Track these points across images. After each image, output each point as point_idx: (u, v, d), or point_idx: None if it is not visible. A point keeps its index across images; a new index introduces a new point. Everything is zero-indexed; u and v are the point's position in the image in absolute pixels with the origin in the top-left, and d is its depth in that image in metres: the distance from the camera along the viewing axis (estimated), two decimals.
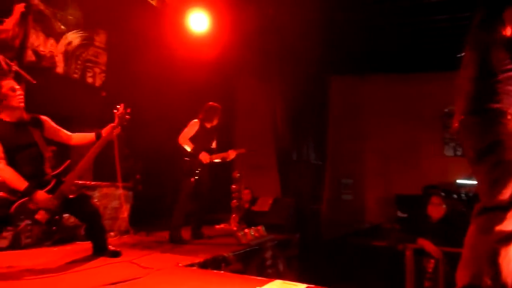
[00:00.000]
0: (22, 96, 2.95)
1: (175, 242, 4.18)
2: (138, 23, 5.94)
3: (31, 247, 3.59)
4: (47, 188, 2.89)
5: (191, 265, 3.31)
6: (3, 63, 4.35)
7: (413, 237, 4.06)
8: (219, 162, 4.70)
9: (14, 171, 2.79)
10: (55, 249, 3.67)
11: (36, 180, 2.86)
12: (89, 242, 3.36)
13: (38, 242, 3.67)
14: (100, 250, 3.31)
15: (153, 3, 6.09)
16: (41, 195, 2.81)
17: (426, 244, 3.91)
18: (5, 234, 3.39)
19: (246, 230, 4.63)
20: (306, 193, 7.06)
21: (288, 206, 6.07)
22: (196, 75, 6.39)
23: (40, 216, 2.80)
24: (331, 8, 5.64)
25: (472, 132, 1.90)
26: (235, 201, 5.45)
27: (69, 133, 3.27)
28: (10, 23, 5.31)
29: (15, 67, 4.41)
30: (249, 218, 5.49)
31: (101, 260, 3.17)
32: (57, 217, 2.92)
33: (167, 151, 4.95)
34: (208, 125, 4.60)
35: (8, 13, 5.30)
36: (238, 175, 5.46)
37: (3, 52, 4.49)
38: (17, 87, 2.97)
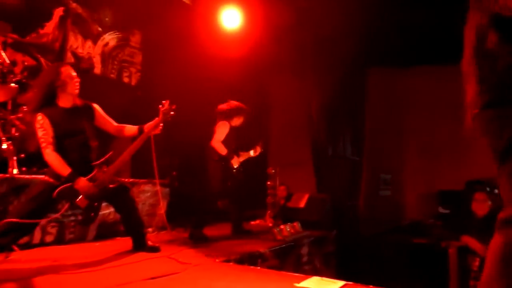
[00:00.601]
0: (78, 84, 3.05)
1: (196, 240, 4.10)
2: (171, 22, 6.01)
3: (75, 242, 3.72)
4: (89, 176, 2.98)
5: (228, 260, 3.31)
6: (44, 65, 4.53)
7: (457, 234, 3.89)
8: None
9: (59, 157, 2.89)
10: (96, 244, 3.78)
11: (80, 167, 2.94)
12: (129, 237, 3.43)
13: (81, 238, 3.81)
14: (140, 245, 3.37)
15: (187, 1, 6.14)
16: (82, 181, 2.91)
17: (471, 241, 3.74)
18: (50, 229, 3.53)
19: (282, 226, 4.59)
20: (343, 189, 6.92)
21: (324, 203, 5.97)
22: (230, 72, 6.40)
23: (80, 201, 2.91)
24: None
25: (488, 128, 1.67)
26: (270, 197, 5.42)
27: (115, 123, 3.35)
28: (50, 27, 5.52)
29: None
30: (284, 215, 5.44)
31: (141, 255, 3.23)
32: (95, 204, 3.02)
33: (202, 148, 4.99)
34: (233, 124, 4.59)
35: (48, 17, 5.52)
36: (273, 171, 5.42)
37: (44, 55, 4.68)
38: (74, 74, 3.06)
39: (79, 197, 2.92)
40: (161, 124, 3.33)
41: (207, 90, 6.12)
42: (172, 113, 3.36)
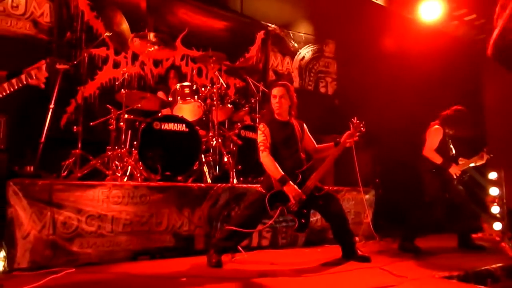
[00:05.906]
0: (277, 103, 3.34)
1: (407, 252, 3.80)
2: (364, 26, 5.88)
3: (286, 247, 3.92)
4: (296, 182, 3.14)
5: (450, 277, 2.91)
6: (252, 85, 5.01)
7: None
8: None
9: (274, 160, 3.17)
10: (306, 250, 3.89)
11: (291, 175, 3.14)
12: (337, 245, 3.40)
13: (292, 243, 3.99)
14: (349, 254, 3.30)
15: (381, 3, 5.90)
16: (291, 186, 3.08)
17: None
18: (265, 234, 3.82)
19: None
20: None
21: None
22: (432, 70, 5.80)
23: (291, 205, 3.08)
24: None
25: None
26: (495, 206, 4.61)
27: (316, 145, 3.52)
28: (254, 50, 6.17)
29: (262, 88, 5.01)
30: None
31: (351, 264, 3.16)
32: (304, 210, 3.13)
33: (406, 153, 4.64)
34: (451, 132, 4.09)
35: (251, 41, 6.16)
36: (496, 176, 4.60)
37: (251, 76, 5.19)
38: (277, 94, 3.34)
39: (290, 202, 3.08)
40: (355, 137, 3.30)
41: (407, 90, 5.70)
42: (362, 129, 3.33)
